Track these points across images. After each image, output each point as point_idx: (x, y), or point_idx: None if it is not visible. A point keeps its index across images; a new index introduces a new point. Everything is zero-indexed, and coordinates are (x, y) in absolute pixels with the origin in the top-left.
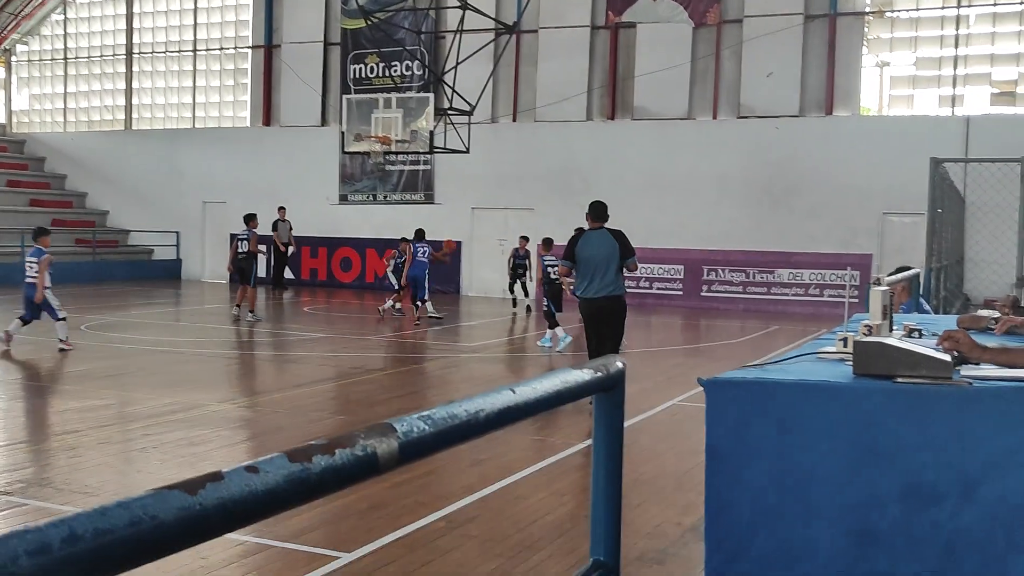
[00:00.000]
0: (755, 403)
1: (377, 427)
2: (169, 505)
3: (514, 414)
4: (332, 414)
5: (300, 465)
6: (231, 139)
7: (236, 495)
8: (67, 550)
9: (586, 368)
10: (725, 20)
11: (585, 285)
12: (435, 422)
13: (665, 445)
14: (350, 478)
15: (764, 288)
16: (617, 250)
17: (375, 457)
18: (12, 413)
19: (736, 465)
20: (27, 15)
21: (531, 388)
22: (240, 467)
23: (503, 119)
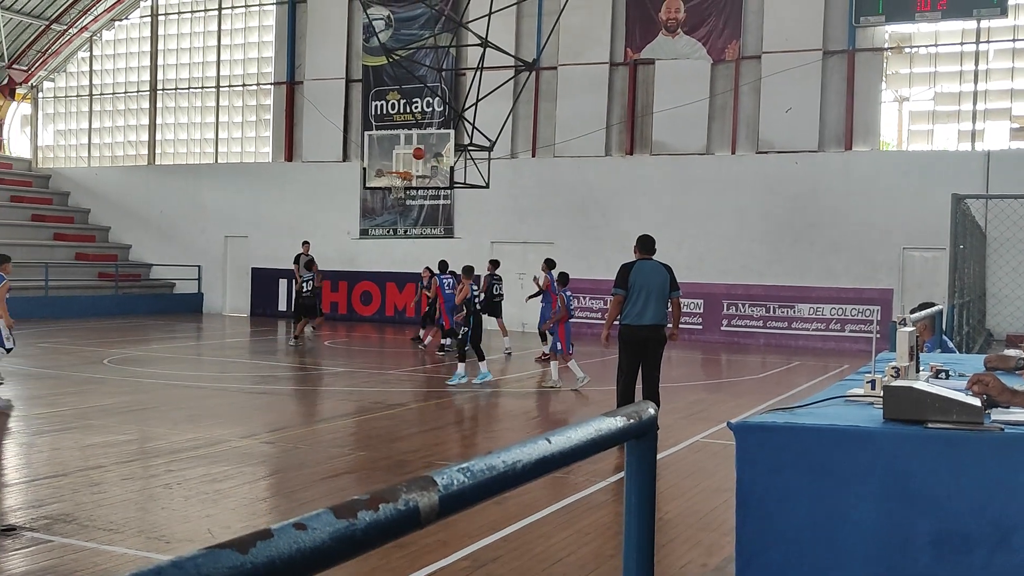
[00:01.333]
0: (786, 448)
1: (418, 481)
2: (221, 564)
3: (550, 464)
4: (353, 450)
5: (346, 521)
6: (253, 174)
7: (285, 553)
8: None
9: (619, 415)
10: (744, 56)
11: (637, 312)
12: (474, 474)
13: (689, 483)
14: (394, 533)
15: (784, 323)
16: (668, 281)
17: (417, 511)
18: (36, 448)
19: (767, 510)
20: (54, 52)
21: (566, 437)
22: (288, 524)
23: (523, 154)
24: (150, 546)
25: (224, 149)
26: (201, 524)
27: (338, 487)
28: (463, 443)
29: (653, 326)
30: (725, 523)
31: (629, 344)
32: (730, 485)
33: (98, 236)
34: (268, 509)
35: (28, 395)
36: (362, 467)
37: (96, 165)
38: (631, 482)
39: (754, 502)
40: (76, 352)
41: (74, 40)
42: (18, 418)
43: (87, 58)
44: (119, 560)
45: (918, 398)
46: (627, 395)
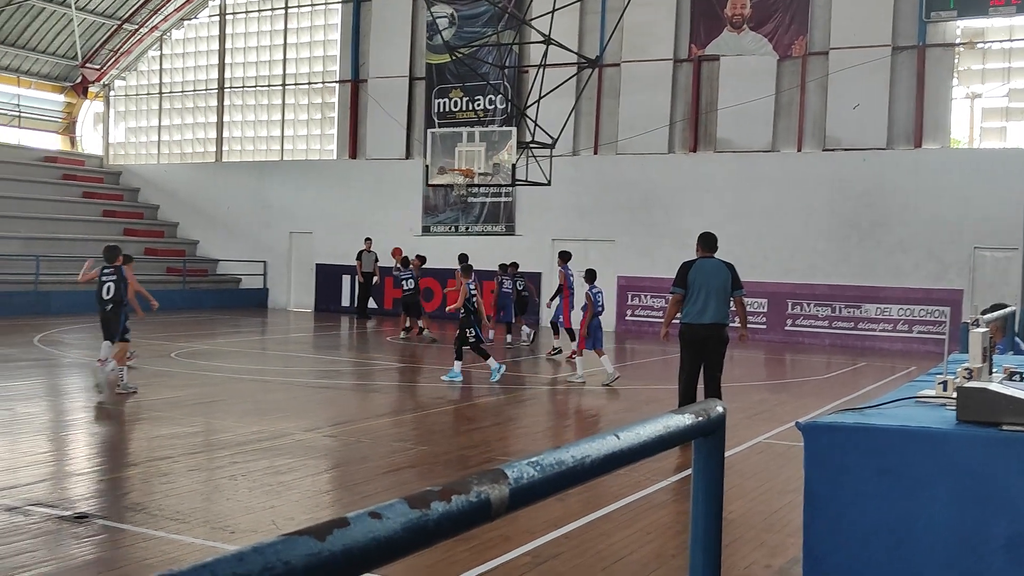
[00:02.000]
0: (856, 448)
1: (489, 473)
2: (299, 551)
3: (619, 460)
4: (415, 444)
5: (419, 512)
6: (318, 171)
7: (360, 541)
8: None
9: (687, 413)
10: (811, 52)
11: (697, 311)
12: (544, 468)
13: (752, 484)
14: (465, 524)
15: (850, 323)
16: (730, 280)
17: (488, 504)
18: (107, 439)
19: (836, 511)
20: (125, 51)
21: (635, 433)
22: (364, 513)
23: (584, 152)
24: (215, 536)
25: (289, 146)
26: (265, 515)
27: (400, 481)
28: (523, 439)
29: (713, 325)
30: (789, 524)
31: (689, 343)
32: (794, 486)
33: (167, 232)
34: (331, 502)
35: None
36: (423, 462)
37: (165, 162)
38: (698, 480)
39: (822, 502)
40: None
41: (145, 39)
42: (88, 409)
43: (157, 57)
44: (186, 549)
45: (993, 400)
46: (688, 394)
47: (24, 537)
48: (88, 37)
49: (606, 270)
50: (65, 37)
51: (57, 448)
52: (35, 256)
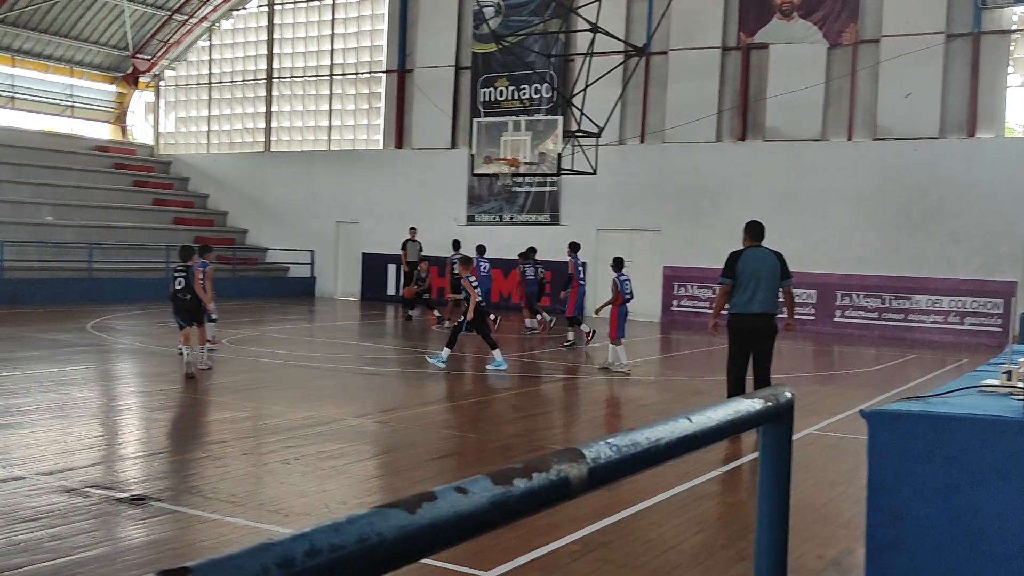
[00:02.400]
0: (920, 437)
1: (567, 452)
2: (392, 522)
3: (691, 443)
4: (462, 431)
5: (502, 488)
6: (364, 161)
7: (447, 515)
8: (308, 563)
9: (757, 398)
10: (861, 40)
11: (745, 300)
12: (620, 449)
13: (802, 476)
14: (545, 502)
15: (900, 315)
16: (779, 269)
17: (568, 481)
18: (160, 423)
19: (900, 501)
20: (175, 42)
21: (706, 417)
22: (449, 487)
23: (631, 141)
24: (269, 519)
25: (337, 136)
26: (317, 499)
27: (447, 467)
28: (569, 429)
29: (762, 315)
30: (840, 516)
31: (738, 333)
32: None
33: (216, 220)
34: (381, 487)
35: (151, 372)
36: (470, 449)
37: (214, 152)
38: (766, 466)
39: (886, 491)
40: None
41: (194, 30)
42: (141, 394)
43: (207, 47)
44: (241, 531)
45: None
46: (738, 386)
47: (83, 518)
48: (139, 28)
49: (652, 260)
50: (117, 28)
51: (112, 432)
52: (88, 244)
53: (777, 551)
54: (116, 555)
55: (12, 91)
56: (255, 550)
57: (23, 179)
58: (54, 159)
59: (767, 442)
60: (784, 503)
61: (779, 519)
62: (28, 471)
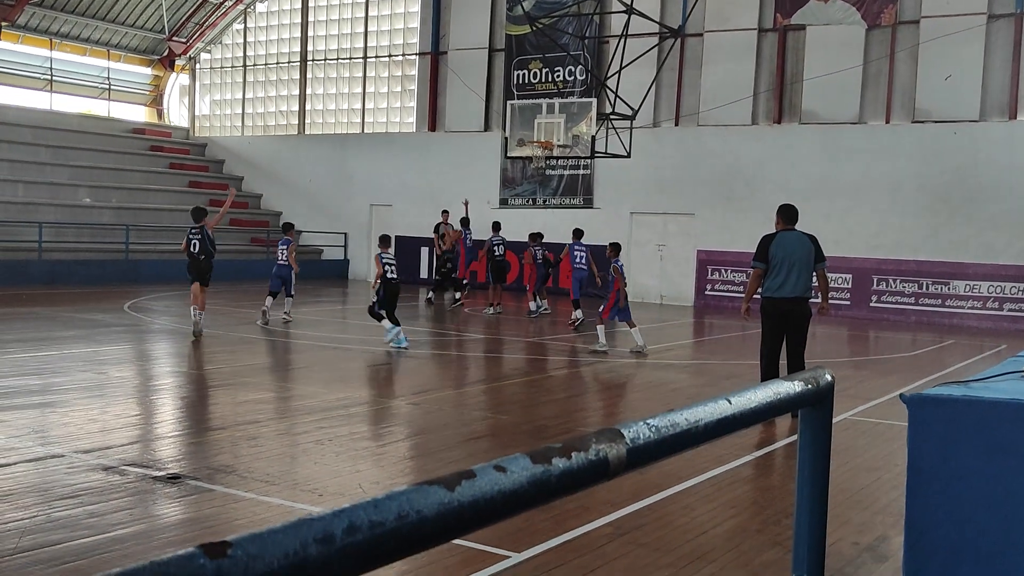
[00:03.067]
0: (963, 422)
1: (606, 432)
2: (431, 500)
3: (729, 424)
4: (494, 414)
5: (541, 467)
6: (398, 144)
7: (488, 493)
8: (347, 540)
9: (797, 380)
10: (901, 21)
11: (779, 284)
12: (659, 430)
13: (837, 461)
14: (584, 481)
15: (938, 300)
16: (812, 252)
17: (607, 461)
18: (196, 402)
19: (941, 486)
20: (210, 25)
21: (746, 399)
22: (488, 466)
23: (665, 123)
24: (304, 498)
25: (370, 119)
26: (351, 479)
27: (480, 449)
28: (601, 412)
29: (795, 299)
30: (876, 502)
31: (771, 317)
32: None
33: (251, 203)
34: (414, 468)
35: (187, 353)
36: (502, 431)
37: (249, 134)
38: (805, 450)
39: (926, 477)
40: (231, 313)
41: (229, 12)
42: (177, 374)
43: (241, 30)
44: (276, 510)
45: None
46: (771, 370)
47: (121, 495)
48: (175, 11)
49: (686, 244)
50: (153, 11)
51: (148, 411)
52: (125, 226)
53: (816, 535)
54: (153, 532)
55: (50, 74)
56: (295, 525)
57: (61, 161)
58: (91, 142)
59: (807, 425)
60: (823, 486)
61: (818, 502)
62: (67, 449)
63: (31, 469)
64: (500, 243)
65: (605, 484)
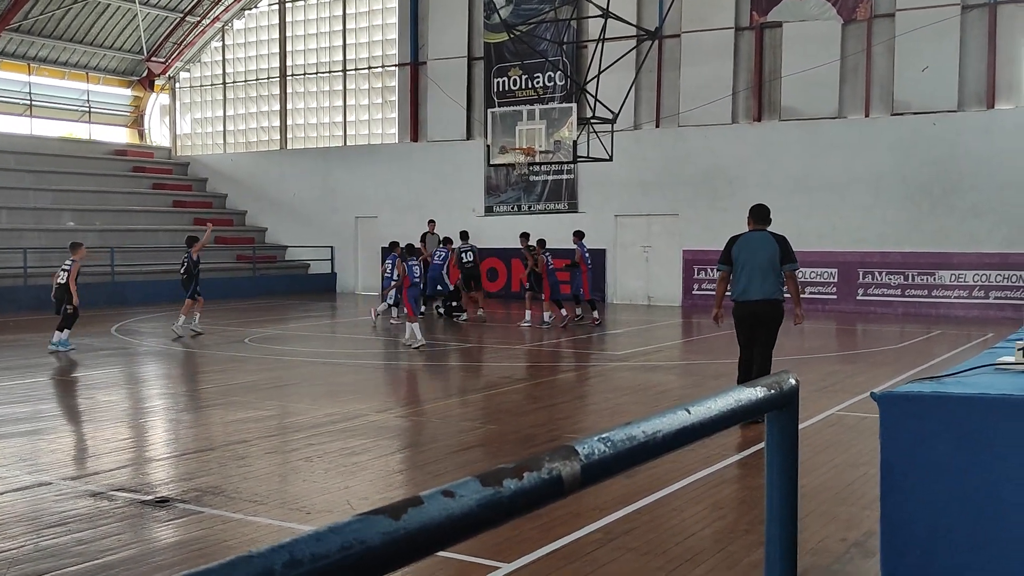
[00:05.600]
0: (933, 418)
1: (560, 450)
2: (375, 530)
3: (691, 434)
4: (483, 424)
5: (492, 489)
6: (381, 155)
7: (435, 519)
8: (288, 574)
9: (759, 386)
10: (876, 15)
11: (743, 287)
12: (615, 444)
13: (824, 457)
14: (538, 501)
15: (924, 291)
16: (777, 254)
17: (560, 480)
18: (184, 423)
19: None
20: (189, 43)
21: (706, 407)
22: (437, 491)
23: (646, 125)
24: (292, 517)
25: (352, 132)
26: (340, 496)
27: (470, 460)
28: (590, 417)
29: (759, 302)
30: (864, 497)
31: (737, 321)
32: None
33: (235, 220)
34: (403, 481)
35: (174, 373)
36: (491, 441)
37: (231, 151)
38: (772, 454)
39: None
40: (218, 332)
41: (207, 31)
42: (166, 395)
43: (219, 48)
44: (264, 530)
45: None
46: (744, 373)
47: (110, 521)
48: (152, 31)
49: (671, 244)
50: (130, 32)
51: (137, 435)
52: (110, 248)
53: (787, 538)
54: (142, 557)
55: (30, 99)
56: (234, 562)
57: (43, 186)
58: (73, 165)
59: (772, 429)
60: (792, 489)
61: (788, 506)
62: (54, 476)
63: (19, 498)
64: (468, 250)
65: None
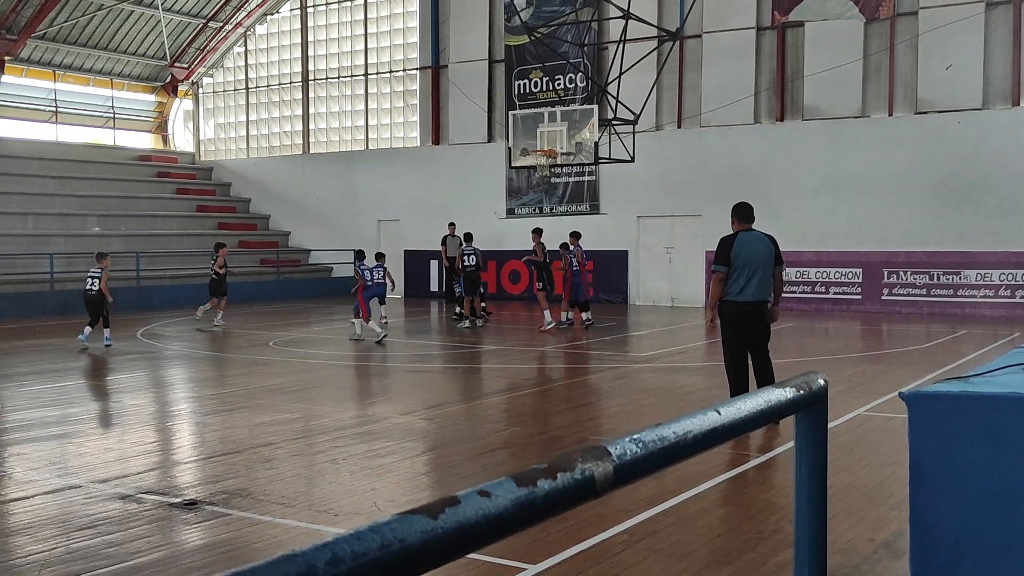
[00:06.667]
0: (962, 418)
1: (592, 450)
2: (414, 528)
3: (720, 435)
4: (508, 426)
5: (526, 489)
6: (403, 159)
7: (471, 519)
8: (330, 572)
9: (788, 387)
10: (899, 13)
11: (740, 288)
12: (646, 445)
13: (852, 457)
14: (571, 501)
15: (949, 290)
16: (773, 254)
17: (593, 480)
18: (210, 427)
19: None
20: (211, 49)
21: (736, 408)
22: (473, 491)
23: (668, 126)
24: (320, 519)
25: (374, 135)
26: (366, 498)
27: (495, 462)
28: (615, 419)
29: (754, 303)
30: (892, 497)
31: (732, 321)
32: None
33: (259, 224)
34: (429, 483)
35: (200, 377)
36: (517, 443)
37: (254, 156)
38: (801, 454)
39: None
40: (243, 335)
41: (230, 36)
42: (192, 398)
43: (242, 53)
44: (292, 532)
45: None
46: (739, 378)
47: (138, 524)
48: (175, 37)
49: (694, 246)
50: (154, 38)
51: (164, 438)
52: (135, 252)
53: (817, 538)
54: (172, 559)
55: (55, 105)
56: (278, 561)
57: (69, 192)
58: (98, 170)
59: (801, 430)
60: (822, 490)
61: (817, 506)
62: (84, 479)
63: (49, 501)
64: (471, 253)
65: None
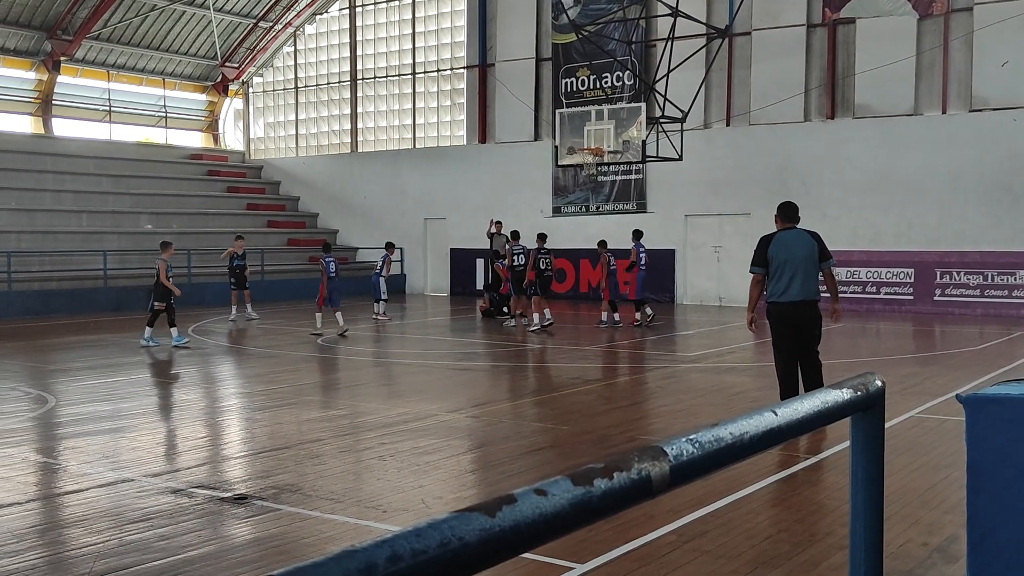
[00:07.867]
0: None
1: (649, 450)
2: (472, 526)
3: (777, 436)
4: (555, 424)
5: (583, 489)
6: (449, 157)
7: (528, 517)
8: (390, 569)
9: (845, 388)
10: (953, 9)
11: (783, 288)
12: (703, 445)
13: (904, 460)
14: (627, 501)
15: (1004, 291)
16: (816, 251)
17: (649, 480)
18: (259, 422)
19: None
20: (261, 49)
21: (793, 409)
22: (529, 490)
23: (716, 124)
24: (368, 515)
25: (421, 134)
26: (414, 494)
27: (542, 460)
28: (663, 419)
29: (800, 303)
30: (945, 501)
31: (777, 322)
32: (949, 462)
33: (308, 222)
34: (476, 481)
35: (249, 373)
36: (564, 442)
37: (303, 155)
38: (857, 456)
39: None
40: (291, 332)
41: (279, 36)
42: (241, 395)
43: (291, 53)
44: (341, 528)
45: None
46: (788, 380)
47: (190, 517)
48: (226, 37)
49: (743, 245)
50: (205, 39)
51: (214, 433)
52: (187, 250)
53: (873, 542)
54: (222, 553)
55: (109, 104)
56: (338, 557)
57: (122, 190)
58: (150, 169)
59: (857, 432)
60: (878, 493)
61: (874, 509)
62: (136, 473)
63: (102, 494)
64: (520, 252)
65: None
